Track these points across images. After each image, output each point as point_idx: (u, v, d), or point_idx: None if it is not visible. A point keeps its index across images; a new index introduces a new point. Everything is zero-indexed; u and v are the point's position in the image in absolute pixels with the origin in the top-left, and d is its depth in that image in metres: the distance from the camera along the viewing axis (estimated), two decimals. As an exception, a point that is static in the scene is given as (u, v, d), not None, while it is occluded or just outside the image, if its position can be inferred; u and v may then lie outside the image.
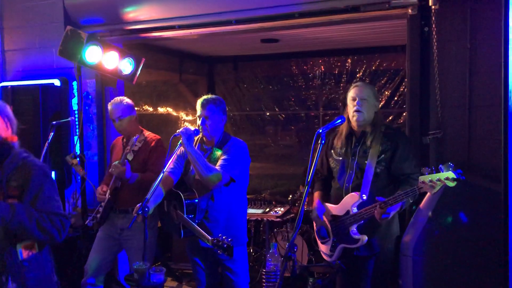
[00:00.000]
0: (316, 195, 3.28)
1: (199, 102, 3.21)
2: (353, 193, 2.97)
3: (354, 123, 3.04)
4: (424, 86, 3.43)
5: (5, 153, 2.34)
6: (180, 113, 7.84)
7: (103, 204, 3.72)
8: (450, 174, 2.51)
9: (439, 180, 2.55)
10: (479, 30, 3.21)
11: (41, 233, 2.29)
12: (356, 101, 2.99)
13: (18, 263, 2.34)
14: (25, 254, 2.35)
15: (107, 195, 3.68)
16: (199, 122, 3.20)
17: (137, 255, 3.64)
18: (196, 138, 3.35)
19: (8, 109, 2.37)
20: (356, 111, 2.98)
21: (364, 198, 2.90)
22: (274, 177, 6.86)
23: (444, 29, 3.29)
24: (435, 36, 3.28)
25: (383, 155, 2.96)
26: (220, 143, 3.23)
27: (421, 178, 2.61)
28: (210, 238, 2.79)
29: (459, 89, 3.32)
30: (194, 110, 8.40)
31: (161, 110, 7.63)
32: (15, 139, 2.37)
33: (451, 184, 2.53)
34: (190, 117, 7.87)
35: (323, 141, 2.57)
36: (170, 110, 7.73)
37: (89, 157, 4.72)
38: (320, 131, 2.58)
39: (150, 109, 7.46)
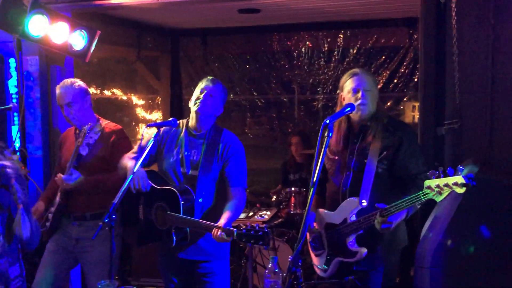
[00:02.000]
0: (314, 201, 3.24)
1: (205, 78, 3.30)
2: (351, 198, 2.97)
3: (356, 118, 3.03)
4: (440, 67, 3.45)
5: None
6: (131, 96, 7.73)
7: (52, 209, 3.62)
8: (459, 179, 2.52)
9: (446, 185, 2.56)
10: (505, 1, 3.25)
11: None
12: (360, 93, 2.97)
13: None
14: None
15: (57, 199, 3.56)
16: (199, 94, 3.20)
17: (95, 271, 3.58)
18: (181, 127, 3.31)
19: None
20: (362, 104, 2.96)
21: (364, 204, 2.91)
22: (250, 173, 6.84)
23: (464, 0, 3.31)
24: (454, 9, 3.29)
25: (385, 152, 2.96)
26: (214, 135, 3.22)
27: (427, 182, 2.63)
28: (235, 231, 2.75)
29: (480, 72, 3.35)
30: (153, 93, 8.27)
31: (107, 92, 7.50)
32: None
33: (460, 190, 2.54)
34: (142, 101, 7.77)
35: (330, 134, 2.55)
36: (118, 93, 7.62)
37: (31, 151, 4.57)
38: (328, 121, 2.55)
39: (98, 92, 7.32)
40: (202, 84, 3.25)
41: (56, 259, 3.63)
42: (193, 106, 3.20)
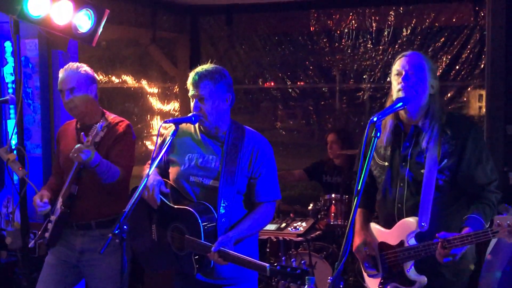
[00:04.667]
0: (357, 216, 3.22)
1: (189, 78, 3.17)
2: (408, 219, 2.95)
3: (405, 114, 2.98)
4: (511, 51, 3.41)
5: None
6: (144, 84, 7.83)
7: (53, 218, 3.68)
8: None
9: None
10: None
11: None
12: (401, 77, 2.91)
13: None
14: None
15: (58, 205, 3.64)
16: (192, 105, 3.16)
17: None
18: (192, 127, 3.29)
19: None
20: (399, 90, 2.88)
21: (424, 227, 2.89)
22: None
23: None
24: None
25: (445, 160, 2.91)
26: (234, 137, 3.16)
27: (498, 219, 2.60)
28: (267, 266, 2.74)
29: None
30: (170, 80, 8.35)
31: (116, 80, 7.60)
32: None
33: None
34: (157, 90, 7.85)
35: (378, 134, 2.55)
36: (129, 80, 7.71)
37: (29, 149, 4.66)
38: (375, 119, 2.55)
39: (106, 79, 7.44)
40: (189, 89, 3.15)
41: (57, 274, 3.68)
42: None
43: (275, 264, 2.72)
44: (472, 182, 2.92)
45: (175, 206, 3.12)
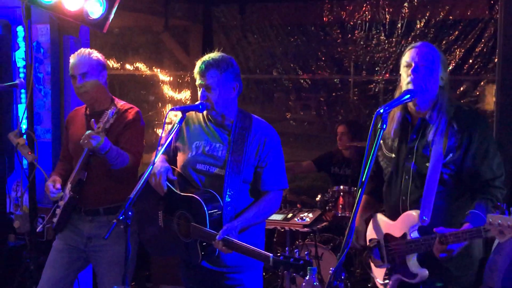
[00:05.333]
0: (362, 202, 3.21)
1: (196, 67, 3.16)
2: (410, 212, 2.95)
3: (413, 107, 2.95)
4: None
5: None
6: (157, 72, 7.84)
7: (61, 203, 3.72)
8: None
9: (510, 227, 2.52)
10: None
11: None
12: (411, 69, 2.88)
13: None
14: None
15: (66, 191, 3.67)
16: (199, 93, 3.17)
17: (110, 273, 3.67)
18: (200, 115, 3.30)
19: None
20: (409, 82, 2.85)
21: (425, 221, 2.88)
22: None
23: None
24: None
25: (451, 155, 2.89)
26: (241, 127, 3.17)
27: (490, 217, 2.57)
28: (270, 256, 2.75)
29: None
30: (182, 69, 8.37)
31: (130, 67, 7.62)
32: None
33: None
34: (169, 78, 7.87)
35: (384, 126, 2.54)
36: (143, 67, 7.73)
37: (39, 134, 4.68)
38: (381, 110, 2.54)
39: (118, 66, 7.46)
40: (196, 78, 3.15)
41: (65, 259, 3.71)
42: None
43: (278, 254, 2.73)
44: (477, 177, 2.89)
45: (182, 194, 3.13)
